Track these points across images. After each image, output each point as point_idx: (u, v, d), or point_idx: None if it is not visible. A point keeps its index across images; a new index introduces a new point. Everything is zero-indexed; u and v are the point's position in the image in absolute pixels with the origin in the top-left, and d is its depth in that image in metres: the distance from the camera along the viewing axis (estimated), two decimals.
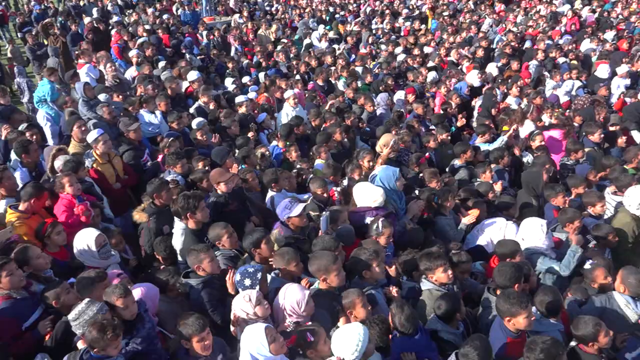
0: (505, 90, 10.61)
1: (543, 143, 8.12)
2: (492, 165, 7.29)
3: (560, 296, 4.49)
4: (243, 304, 3.78)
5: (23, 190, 5.44)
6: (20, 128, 7.26)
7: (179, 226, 5.23)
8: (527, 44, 14.33)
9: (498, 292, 4.41)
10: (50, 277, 4.56)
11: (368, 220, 5.38)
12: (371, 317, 4.05)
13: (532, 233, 5.42)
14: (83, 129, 6.97)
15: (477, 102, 10.60)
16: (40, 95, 8.70)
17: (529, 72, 12.47)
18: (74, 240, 4.73)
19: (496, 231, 5.86)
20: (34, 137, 7.12)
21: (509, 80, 10.88)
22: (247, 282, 4.05)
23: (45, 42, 14.09)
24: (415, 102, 9.82)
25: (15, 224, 5.07)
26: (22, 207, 5.28)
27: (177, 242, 5.20)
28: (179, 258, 5.15)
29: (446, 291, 4.45)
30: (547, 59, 12.74)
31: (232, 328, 3.89)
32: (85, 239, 4.65)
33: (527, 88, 10.52)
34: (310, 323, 3.74)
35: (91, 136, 6.56)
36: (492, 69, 12.08)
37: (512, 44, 14.08)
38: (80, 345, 3.67)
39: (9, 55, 14.24)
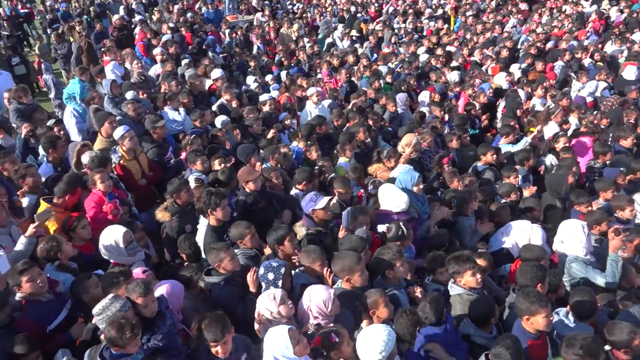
0: (530, 91, 10.47)
1: (567, 145, 7.98)
2: (518, 167, 7.19)
3: (596, 299, 4.41)
4: (267, 303, 3.80)
5: (58, 186, 5.55)
6: (48, 124, 7.39)
7: (203, 222, 5.28)
8: (550, 44, 14.11)
9: None
10: (76, 269, 4.63)
11: (381, 228, 5.35)
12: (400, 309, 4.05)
13: (572, 235, 5.27)
14: (114, 125, 7.04)
15: (500, 103, 10.48)
16: (69, 92, 8.85)
17: (554, 73, 12.28)
18: (100, 237, 4.79)
19: (521, 234, 5.77)
20: (62, 132, 7.23)
21: (534, 81, 10.73)
22: (270, 275, 4.09)
23: (71, 39, 14.32)
24: (433, 105, 9.66)
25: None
26: (55, 200, 5.39)
27: (201, 237, 5.24)
28: (203, 255, 5.18)
29: (477, 295, 4.41)
30: (573, 59, 12.52)
31: (256, 327, 3.90)
32: (113, 235, 4.71)
33: (552, 89, 10.34)
34: (332, 324, 3.72)
35: (118, 132, 6.64)
36: (515, 69, 11.92)
37: (537, 44, 13.88)
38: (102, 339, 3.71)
39: (37, 52, 14.49)
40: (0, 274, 3.91)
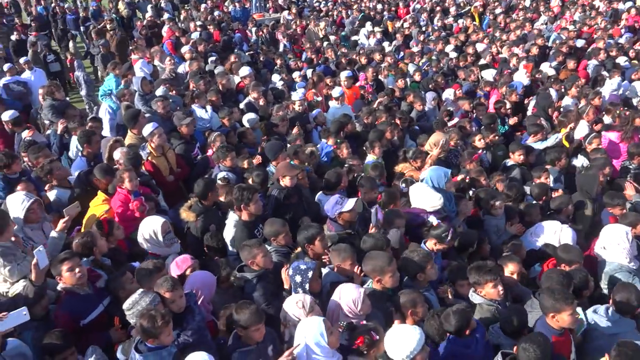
0: (562, 90, 10.26)
1: (600, 146, 7.81)
2: (549, 167, 7.07)
3: None
4: (295, 309, 3.78)
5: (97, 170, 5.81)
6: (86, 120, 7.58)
7: (232, 218, 5.33)
8: (581, 42, 13.78)
9: None
10: (109, 266, 4.72)
11: (432, 219, 5.29)
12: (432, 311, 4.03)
13: (615, 241, 5.07)
14: (146, 121, 7.13)
15: (530, 102, 10.30)
16: (106, 89, 9.05)
17: (586, 72, 12.01)
18: (139, 228, 4.89)
19: (551, 235, 5.67)
20: (97, 129, 7.40)
21: (566, 80, 10.51)
22: (298, 278, 4.07)
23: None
24: (461, 100, 9.54)
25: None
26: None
27: (229, 233, 5.29)
28: (230, 248, 5.23)
29: (498, 306, 4.34)
30: (608, 58, 12.21)
31: (281, 328, 3.90)
32: (152, 226, 4.82)
33: (585, 88, 10.11)
34: (364, 322, 3.71)
35: (147, 129, 6.73)
36: (545, 68, 11.69)
37: (569, 42, 13.58)
38: (134, 334, 3.77)
39: (70, 50, 14.81)
40: (39, 268, 3.99)
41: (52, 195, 5.89)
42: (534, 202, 6.28)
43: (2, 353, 3.55)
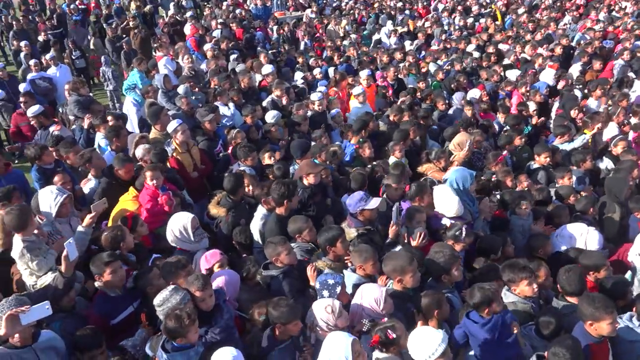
0: (587, 92, 10.10)
1: (627, 148, 7.66)
2: (573, 168, 6.97)
3: None
4: (324, 314, 3.76)
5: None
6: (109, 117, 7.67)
7: (260, 211, 5.36)
8: (608, 43, 13.54)
9: (568, 298, 4.27)
10: (134, 262, 4.77)
11: (446, 221, 5.26)
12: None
13: None
14: (168, 118, 7.22)
15: (555, 103, 10.16)
16: (130, 83, 9.17)
17: (611, 73, 11.80)
18: (169, 224, 4.93)
19: (577, 237, 5.58)
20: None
21: (591, 81, 10.34)
22: (325, 293, 4.01)
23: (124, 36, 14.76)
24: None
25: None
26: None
27: (256, 226, 5.33)
28: (259, 241, 5.27)
29: (532, 304, 4.29)
30: (635, 59, 11.99)
31: (307, 331, 3.89)
32: (182, 222, 4.85)
33: (612, 89, 9.94)
34: (385, 320, 3.69)
35: (171, 126, 6.79)
36: (575, 69, 11.51)
37: (595, 43, 13.36)
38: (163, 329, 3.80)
39: (92, 47, 14.98)
40: (69, 260, 4.04)
41: (89, 184, 6.05)
42: (561, 203, 6.19)
43: (34, 345, 3.58)
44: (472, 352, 3.92)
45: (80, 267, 4.48)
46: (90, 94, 9.66)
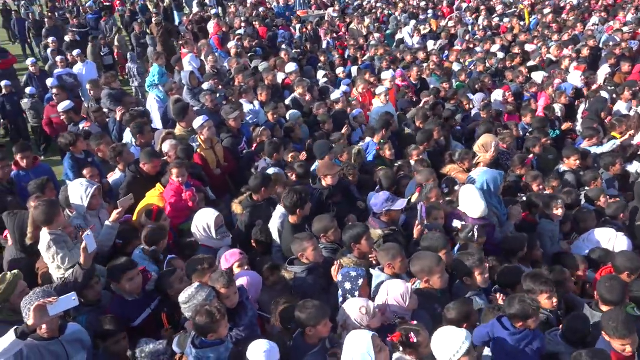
0: (614, 95, 9.90)
1: None
2: (602, 172, 6.83)
3: None
4: (358, 315, 3.72)
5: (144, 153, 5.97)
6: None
7: (279, 211, 5.35)
8: (635, 44, 13.25)
9: (602, 307, 4.15)
10: (162, 261, 4.79)
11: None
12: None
13: None
14: (194, 115, 7.26)
15: (581, 106, 9.98)
16: (151, 79, 9.26)
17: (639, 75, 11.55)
18: (194, 220, 4.96)
19: (605, 243, 5.48)
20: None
21: (619, 84, 10.14)
22: (347, 285, 4.02)
23: (148, 32, 14.94)
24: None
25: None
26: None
27: (275, 225, 5.32)
28: (277, 240, 5.27)
29: (549, 315, 4.22)
30: None
31: (338, 330, 3.86)
32: (206, 218, 4.87)
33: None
34: (415, 322, 3.66)
35: (197, 122, 6.82)
36: (603, 71, 11.30)
37: (623, 44, 13.10)
38: (189, 327, 3.81)
39: (116, 43, 15.17)
40: (88, 252, 4.07)
41: (115, 176, 6.17)
42: (589, 207, 6.08)
43: (61, 337, 3.63)
44: (487, 353, 3.88)
45: (106, 262, 4.53)
46: (121, 88, 9.83)
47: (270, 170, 6.14)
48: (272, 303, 4.19)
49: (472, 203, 5.38)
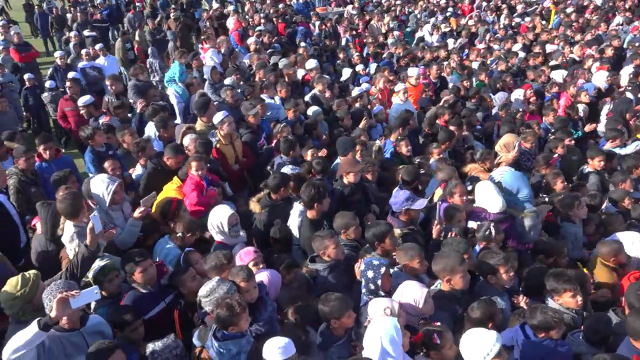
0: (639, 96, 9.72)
1: None
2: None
3: None
4: (381, 314, 3.66)
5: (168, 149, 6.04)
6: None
7: (297, 208, 5.34)
8: None
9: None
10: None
11: (472, 224, 5.15)
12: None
13: None
14: (215, 110, 7.28)
15: (604, 106, 9.81)
16: (170, 75, 9.32)
17: None
18: (209, 216, 4.97)
19: (628, 246, 5.36)
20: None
21: None
22: (370, 274, 4.03)
23: (167, 27, 15.01)
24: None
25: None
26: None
27: (295, 223, 5.31)
28: (297, 237, 5.25)
29: (573, 314, 4.15)
30: None
31: (362, 329, 3.84)
32: (219, 216, 4.86)
33: None
34: (439, 324, 3.63)
35: (217, 117, 6.84)
36: (626, 71, 11.09)
37: None
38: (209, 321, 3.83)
39: (137, 38, 15.28)
40: (94, 233, 4.05)
41: (137, 169, 6.23)
42: (614, 211, 5.96)
43: (82, 329, 3.65)
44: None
45: None
46: (149, 80, 9.93)
47: (288, 169, 6.11)
48: (289, 302, 4.20)
49: (489, 198, 5.31)
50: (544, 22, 17.17)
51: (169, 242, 4.85)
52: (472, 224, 5.18)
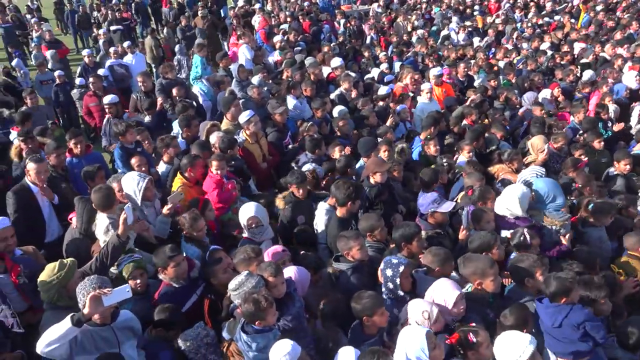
0: None
1: None
2: None
3: None
4: (420, 318, 3.66)
5: (182, 162, 5.89)
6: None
7: (323, 207, 5.34)
8: None
9: None
10: (207, 244, 4.86)
11: (505, 233, 5.04)
12: None
13: None
14: (239, 109, 7.34)
15: (636, 107, 9.58)
16: (195, 72, 9.42)
17: None
18: (239, 212, 5.00)
19: None
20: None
21: None
22: (389, 272, 4.03)
23: (193, 25, 15.14)
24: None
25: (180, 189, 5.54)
26: (186, 174, 5.79)
27: (320, 220, 5.31)
28: (322, 237, 5.24)
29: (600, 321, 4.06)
30: None
31: (400, 327, 3.77)
32: (244, 215, 4.92)
33: None
34: (474, 324, 3.58)
35: (243, 117, 6.89)
36: None
37: None
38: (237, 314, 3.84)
39: (164, 35, 15.47)
40: (127, 224, 4.13)
41: (160, 168, 6.31)
42: None
43: (113, 324, 3.72)
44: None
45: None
46: (177, 77, 10.04)
47: (309, 167, 6.14)
48: (315, 299, 4.20)
49: (510, 201, 5.12)
50: (572, 21, 16.85)
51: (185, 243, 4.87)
52: (505, 233, 5.05)
